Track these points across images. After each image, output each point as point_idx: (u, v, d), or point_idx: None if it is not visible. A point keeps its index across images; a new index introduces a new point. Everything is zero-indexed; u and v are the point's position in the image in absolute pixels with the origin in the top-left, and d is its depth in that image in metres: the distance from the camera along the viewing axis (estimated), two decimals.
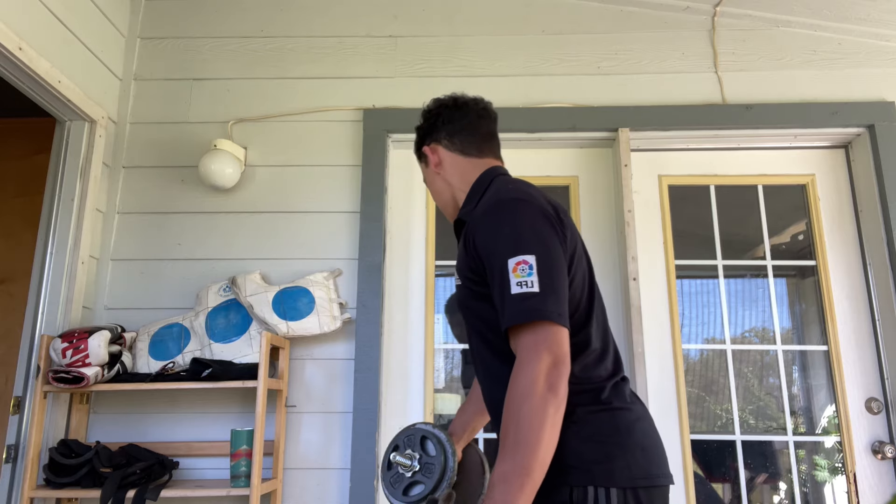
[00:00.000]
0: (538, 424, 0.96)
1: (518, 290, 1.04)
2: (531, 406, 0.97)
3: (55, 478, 1.86)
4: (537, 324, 1.01)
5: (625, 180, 2.27)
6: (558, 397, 0.98)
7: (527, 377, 0.99)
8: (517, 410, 0.98)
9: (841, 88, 2.35)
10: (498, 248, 1.09)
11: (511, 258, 1.06)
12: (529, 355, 1.01)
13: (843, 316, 2.26)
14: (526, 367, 1.00)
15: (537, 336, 1.01)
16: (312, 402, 2.15)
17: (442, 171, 1.37)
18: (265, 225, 2.29)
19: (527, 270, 1.05)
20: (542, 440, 0.96)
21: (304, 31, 2.48)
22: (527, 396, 0.98)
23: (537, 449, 0.95)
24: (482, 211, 1.17)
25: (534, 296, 1.02)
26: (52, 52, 2.02)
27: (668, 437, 2.18)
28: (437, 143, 1.38)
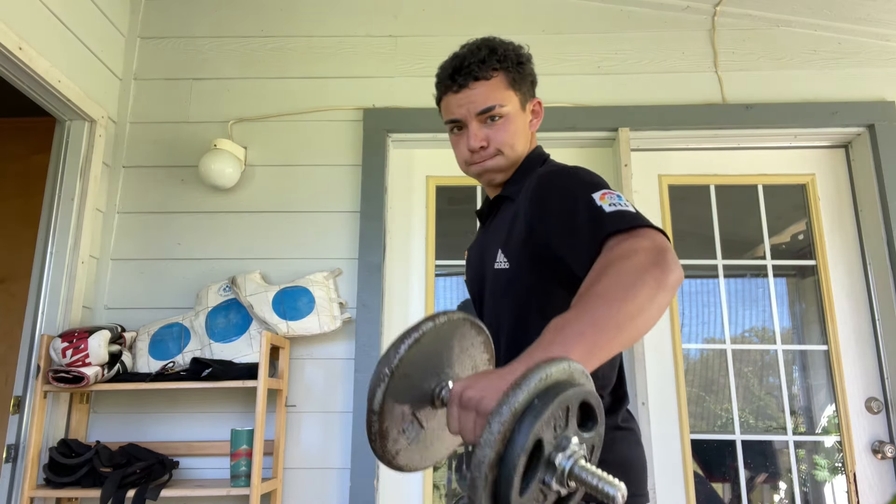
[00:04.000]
0: (627, 282, 0.75)
1: (612, 209, 0.90)
2: (624, 268, 0.78)
3: (55, 477, 1.86)
4: (640, 229, 0.86)
5: (625, 180, 2.27)
6: (666, 276, 0.77)
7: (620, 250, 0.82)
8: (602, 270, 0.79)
9: (841, 88, 2.35)
10: (575, 190, 0.97)
11: (595, 192, 0.94)
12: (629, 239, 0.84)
13: (843, 316, 2.26)
14: (621, 245, 0.83)
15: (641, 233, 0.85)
16: (312, 402, 2.15)
17: (530, 130, 1.22)
18: (265, 225, 2.29)
19: (615, 197, 0.93)
20: (629, 299, 0.74)
21: (304, 31, 2.48)
22: (618, 261, 0.79)
23: (618, 305, 0.73)
24: (543, 177, 1.06)
25: (632, 212, 0.89)
26: (52, 52, 2.02)
27: (668, 436, 2.19)
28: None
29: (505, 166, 1.18)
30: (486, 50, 1.16)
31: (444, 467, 2.24)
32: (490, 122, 1.16)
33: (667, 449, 2.18)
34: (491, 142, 1.16)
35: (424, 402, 0.79)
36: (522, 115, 1.20)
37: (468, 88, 1.15)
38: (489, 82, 1.15)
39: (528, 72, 1.22)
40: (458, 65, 1.17)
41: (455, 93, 1.17)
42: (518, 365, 0.69)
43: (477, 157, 1.18)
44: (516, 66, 1.18)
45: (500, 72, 1.16)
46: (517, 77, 1.18)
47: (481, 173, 1.20)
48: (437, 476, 2.22)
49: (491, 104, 1.15)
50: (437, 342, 0.79)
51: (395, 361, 0.74)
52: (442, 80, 1.20)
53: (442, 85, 1.20)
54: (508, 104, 1.16)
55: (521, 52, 1.21)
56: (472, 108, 1.15)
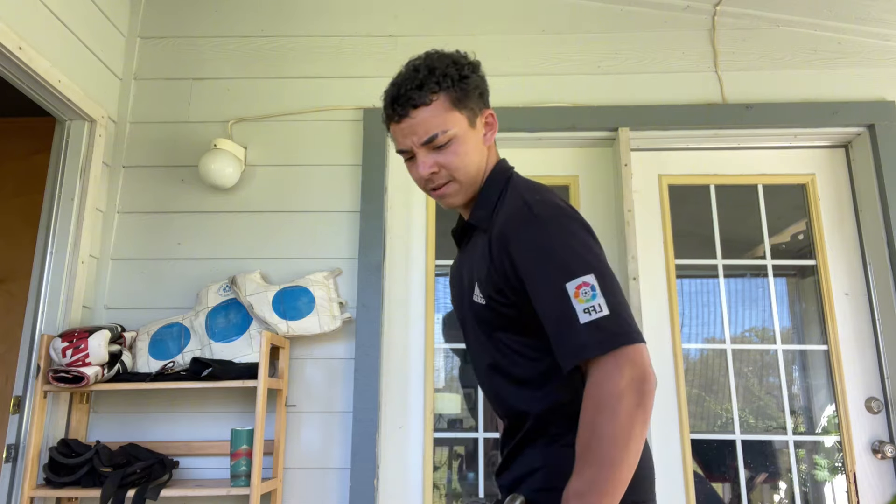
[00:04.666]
0: (623, 443, 0.89)
1: (587, 317, 0.93)
2: (616, 422, 0.89)
3: (55, 477, 1.86)
4: (618, 352, 0.93)
5: (625, 180, 2.27)
6: (646, 414, 0.91)
7: (608, 392, 0.91)
8: (596, 425, 0.90)
9: (841, 88, 2.35)
10: (550, 272, 0.98)
11: (569, 282, 0.96)
12: (611, 374, 0.92)
13: (843, 316, 2.26)
14: (606, 384, 0.91)
15: (618, 359, 0.92)
16: (312, 402, 2.15)
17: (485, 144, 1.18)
18: (265, 225, 2.29)
19: (589, 293, 0.95)
20: (625, 459, 0.88)
21: (303, 31, 2.48)
22: (610, 411, 0.90)
23: (620, 468, 0.88)
24: (515, 227, 1.05)
25: (605, 320, 0.93)
26: (52, 52, 2.02)
27: (668, 436, 2.19)
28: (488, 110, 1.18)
29: (461, 190, 1.16)
30: (423, 71, 1.12)
31: (444, 467, 2.24)
32: (438, 149, 1.12)
33: (667, 449, 2.18)
34: (441, 167, 1.13)
35: None
36: (472, 132, 1.14)
37: (409, 118, 1.11)
38: (430, 107, 1.11)
39: (475, 84, 1.15)
40: (396, 93, 1.13)
41: (397, 123, 1.14)
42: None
43: (430, 185, 1.16)
44: (458, 82, 1.12)
45: (440, 94, 1.11)
46: (461, 95, 1.12)
47: (441, 200, 1.18)
48: (437, 476, 2.22)
49: (433, 132, 1.10)
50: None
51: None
52: (385, 110, 1.16)
53: (385, 114, 1.17)
54: (454, 126, 1.11)
55: (464, 65, 1.15)
56: (415, 139, 1.12)
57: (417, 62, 1.15)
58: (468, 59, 1.17)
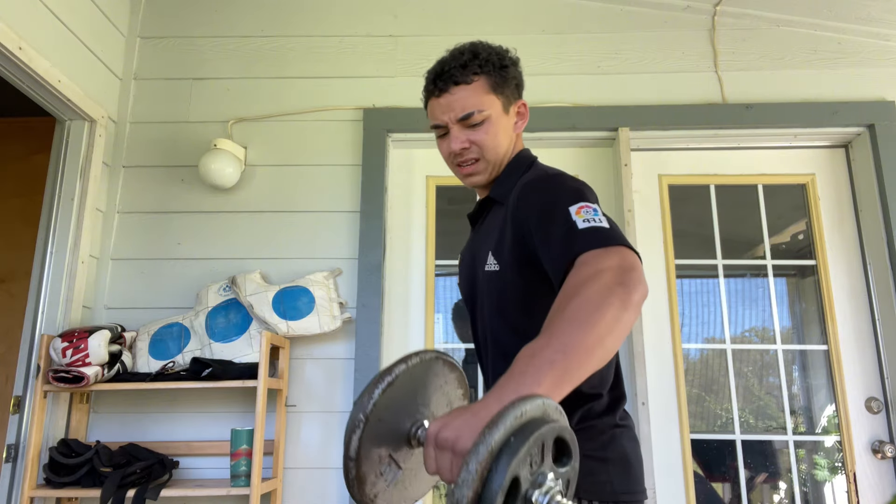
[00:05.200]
0: (593, 306, 0.77)
1: (586, 224, 0.93)
2: (591, 290, 0.80)
3: (55, 477, 1.86)
4: (611, 248, 0.88)
5: (625, 180, 2.27)
6: (630, 295, 0.80)
7: (589, 269, 0.84)
8: (571, 292, 0.81)
9: (841, 88, 2.35)
10: (554, 200, 1.00)
11: (572, 205, 0.97)
12: (598, 256, 0.87)
13: (843, 315, 2.26)
14: (591, 263, 0.86)
15: (609, 251, 0.88)
16: (312, 402, 2.15)
17: (515, 132, 1.24)
18: (265, 225, 2.29)
19: (591, 212, 0.96)
20: (597, 322, 0.76)
21: (303, 31, 2.48)
22: (586, 283, 0.81)
23: (586, 330, 0.75)
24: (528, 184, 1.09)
25: (603, 229, 0.92)
26: (52, 52, 2.02)
27: (668, 436, 2.19)
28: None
29: (487, 169, 1.21)
30: (468, 54, 1.18)
31: None
32: (471, 126, 1.18)
33: (667, 449, 2.18)
34: (472, 144, 1.19)
35: (401, 443, 0.80)
36: (505, 117, 1.21)
37: (449, 93, 1.17)
38: (470, 86, 1.17)
39: (512, 75, 1.22)
40: (440, 70, 1.19)
41: (437, 97, 1.19)
42: (490, 401, 0.70)
43: (459, 159, 1.21)
44: (499, 69, 1.19)
45: (481, 76, 1.17)
46: (499, 80, 1.19)
47: (466, 178, 1.23)
48: None
49: (470, 110, 1.17)
50: (411, 383, 0.80)
51: (370, 406, 0.75)
52: (426, 86, 1.22)
53: (426, 90, 1.23)
54: (489, 108, 1.18)
55: (505, 56, 1.22)
56: (452, 115, 1.18)
57: (463, 47, 1.21)
58: (511, 52, 1.24)
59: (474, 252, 1.24)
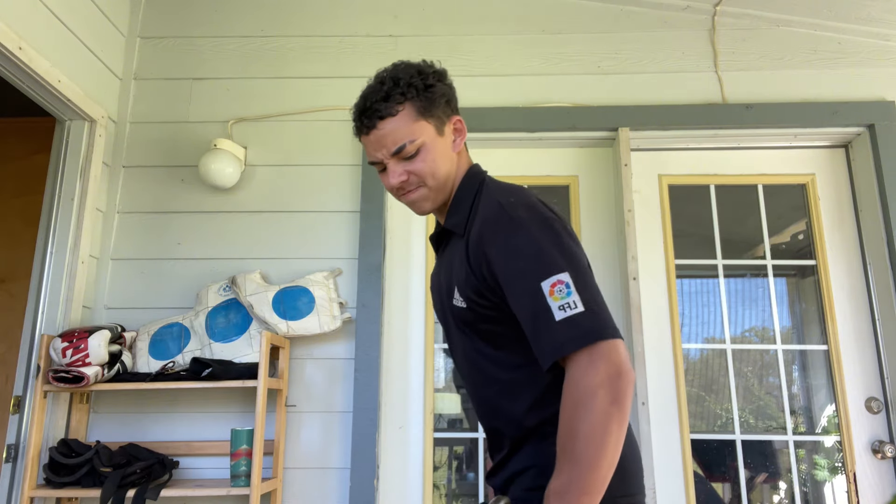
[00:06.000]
0: (599, 441, 0.90)
1: (562, 314, 0.95)
2: (591, 420, 0.90)
3: (55, 477, 1.86)
4: (592, 346, 0.94)
5: (625, 180, 2.27)
6: (622, 411, 0.91)
7: (583, 389, 0.92)
8: (573, 424, 0.91)
9: (841, 88, 2.35)
10: (525, 272, 1.00)
11: (544, 281, 0.97)
12: (586, 370, 0.93)
13: (843, 315, 2.26)
14: (582, 381, 0.92)
15: (593, 355, 0.93)
16: (312, 402, 2.15)
17: (454, 150, 1.20)
18: (265, 225, 2.29)
19: (564, 291, 0.96)
20: (603, 457, 0.89)
21: (303, 31, 2.48)
22: (585, 409, 0.91)
23: (598, 467, 0.89)
24: (491, 230, 1.06)
25: (581, 317, 0.95)
26: (52, 52, 2.02)
27: (668, 436, 2.19)
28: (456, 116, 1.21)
29: (430, 195, 1.18)
30: (389, 83, 1.14)
31: (444, 467, 2.24)
32: (408, 159, 1.15)
33: (667, 449, 2.18)
34: (411, 175, 1.16)
35: None
36: (441, 139, 1.17)
37: (377, 129, 1.14)
38: (396, 118, 1.13)
39: (441, 93, 1.17)
40: (363, 106, 1.15)
41: (366, 135, 1.16)
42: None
43: (401, 192, 1.18)
44: (423, 92, 1.14)
45: (405, 103, 1.13)
46: (426, 104, 1.15)
47: (413, 205, 1.20)
48: (437, 476, 2.22)
49: (401, 143, 1.13)
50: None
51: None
52: (354, 122, 1.19)
53: (355, 127, 1.19)
54: (421, 136, 1.14)
55: (429, 74, 1.17)
56: (384, 151, 1.14)
57: (384, 74, 1.17)
58: (434, 67, 1.19)
59: (441, 281, 1.23)
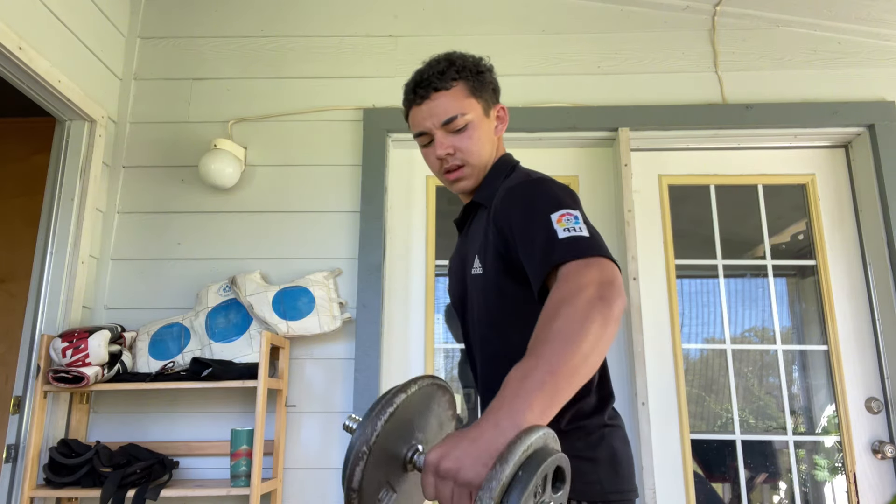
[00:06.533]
0: (576, 326, 0.80)
1: (566, 234, 0.95)
2: (574, 308, 0.82)
3: (55, 477, 1.86)
4: (590, 258, 0.91)
5: (625, 180, 2.27)
6: (611, 310, 0.83)
7: (570, 286, 0.86)
8: (553, 312, 0.83)
9: (841, 88, 2.35)
10: (536, 207, 1.01)
11: (553, 213, 0.98)
12: (577, 272, 0.88)
13: (843, 316, 2.26)
14: (570, 280, 0.87)
15: (589, 263, 0.90)
16: (312, 402, 2.15)
17: (496, 135, 1.26)
18: (265, 225, 2.29)
19: (572, 220, 0.97)
20: (579, 341, 0.79)
21: (303, 31, 2.48)
22: (569, 300, 0.83)
23: (572, 349, 0.78)
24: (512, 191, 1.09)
25: (583, 238, 0.94)
26: (52, 52, 2.02)
27: (668, 436, 2.19)
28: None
29: (472, 174, 1.23)
30: (444, 63, 1.22)
31: None
32: (455, 132, 1.20)
33: (667, 449, 2.18)
34: (457, 150, 1.20)
35: (397, 467, 0.81)
36: (486, 121, 1.24)
37: (430, 100, 1.20)
38: (449, 92, 1.20)
39: (489, 80, 1.25)
40: (419, 79, 1.22)
41: (418, 105, 1.21)
42: (486, 427, 0.72)
43: (446, 165, 1.22)
44: (475, 75, 1.23)
45: (459, 81, 1.20)
46: (477, 85, 1.22)
47: (453, 184, 1.25)
48: None
49: (453, 113, 1.19)
50: (409, 410, 0.81)
51: (373, 438, 0.75)
52: (406, 95, 1.24)
53: (406, 100, 1.25)
54: (471, 112, 1.20)
55: (481, 63, 1.26)
56: (435, 120, 1.20)
57: (439, 57, 1.24)
58: (485, 61, 1.28)
59: (462, 256, 1.26)
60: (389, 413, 0.77)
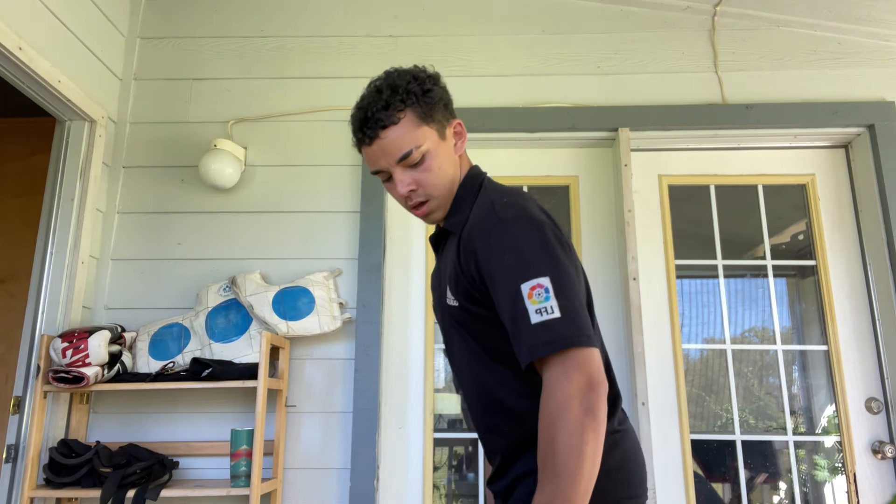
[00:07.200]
0: (576, 453, 0.90)
1: (538, 318, 0.96)
2: (567, 432, 0.91)
3: (55, 477, 1.86)
4: (565, 352, 0.95)
5: (625, 180, 2.27)
6: (597, 420, 0.92)
7: (558, 402, 0.93)
8: (551, 438, 0.92)
9: (841, 88, 2.35)
10: (507, 273, 1.01)
11: (524, 283, 0.98)
12: (559, 381, 0.94)
13: (843, 316, 2.26)
14: (556, 392, 0.94)
15: (566, 363, 0.94)
16: (312, 402, 2.15)
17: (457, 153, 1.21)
18: (265, 225, 2.29)
19: (543, 295, 0.97)
20: (582, 468, 0.90)
21: (303, 31, 2.48)
22: (561, 422, 0.92)
23: (577, 478, 0.90)
24: (480, 229, 1.07)
25: (556, 322, 0.96)
26: (52, 52, 2.02)
27: (668, 436, 2.19)
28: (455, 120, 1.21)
29: (440, 205, 1.18)
30: (387, 91, 1.13)
31: (444, 467, 2.24)
32: (413, 166, 1.14)
33: (667, 449, 2.18)
34: (419, 185, 1.15)
35: None
36: (443, 144, 1.17)
37: (379, 139, 1.12)
38: (398, 126, 1.12)
39: (438, 97, 1.17)
40: (363, 116, 1.14)
41: (369, 146, 1.14)
42: None
43: (411, 202, 1.18)
44: (422, 97, 1.14)
45: (406, 110, 1.12)
46: (426, 109, 1.14)
47: (423, 218, 1.20)
48: (437, 476, 2.22)
49: (407, 149, 1.12)
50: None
51: None
52: (354, 134, 1.17)
53: (356, 139, 1.17)
54: (425, 141, 1.13)
55: (425, 80, 1.16)
56: (390, 159, 1.13)
57: (378, 82, 1.16)
58: (427, 72, 1.19)
59: (439, 280, 1.23)
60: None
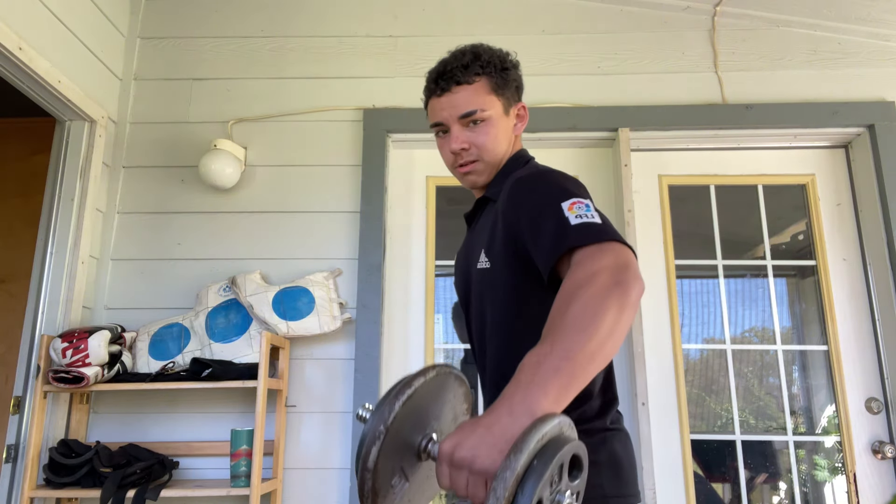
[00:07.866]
0: (591, 312, 0.78)
1: (578, 220, 0.92)
2: (590, 293, 0.79)
3: (55, 478, 1.86)
4: (604, 243, 0.88)
5: (625, 180, 2.27)
6: (628, 295, 0.80)
7: (586, 270, 0.84)
8: (569, 297, 0.80)
9: (841, 88, 2.35)
10: (546, 197, 0.99)
11: (564, 201, 0.96)
12: (593, 255, 0.86)
13: (843, 316, 2.26)
14: (586, 264, 0.85)
15: (603, 248, 0.87)
16: (312, 402, 2.15)
17: (514, 133, 1.25)
18: (265, 225, 2.29)
19: (584, 208, 0.95)
20: (595, 327, 0.76)
21: (303, 31, 2.48)
22: (584, 285, 0.81)
23: (588, 334, 0.76)
24: (519, 181, 1.08)
25: (597, 224, 0.91)
26: (52, 52, 2.02)
27: (668, 436, 2.19)
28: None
29: (485, 170, 1.22)
30: (470, 56, 1.19)
31: None
32: (472, 126, 1.18)
33: (667, 449, 2.18)
34: (472, 145, 1.19)
35: (410, 455, 0.79)
36: (505, 119, 1.22)
37: (451, 93, 1.18)
38: (471, 86, 1.18)
39: (513, 77, 1.23)
40: (442, 69, 1.20)
41: (438, 97, 1.20)
42: (501, 414, 0.71)
43: (460, 160, 1.21)
44: (500, 71, 1.20)
45: (482, 77, 1.18)
46: (500, 82, 1.20)
47: (464, 177, 1.24)
48: None
49: (472, 108, 1.17)
50: (426, 397, 0.80)
51: (390, 419, 0.74)
52: (427, 84, 1.23)
53: (427, 89, 1.23)
54: (490, 108, 1.18)
55: (506, 59, 1.23)
56: (453, 112, 1.18)
57: (465, 49, 1.21)
58: (511, 57, 1.25)
59: (468, 251, 1.24)
60: (407, 395, 0.75)
